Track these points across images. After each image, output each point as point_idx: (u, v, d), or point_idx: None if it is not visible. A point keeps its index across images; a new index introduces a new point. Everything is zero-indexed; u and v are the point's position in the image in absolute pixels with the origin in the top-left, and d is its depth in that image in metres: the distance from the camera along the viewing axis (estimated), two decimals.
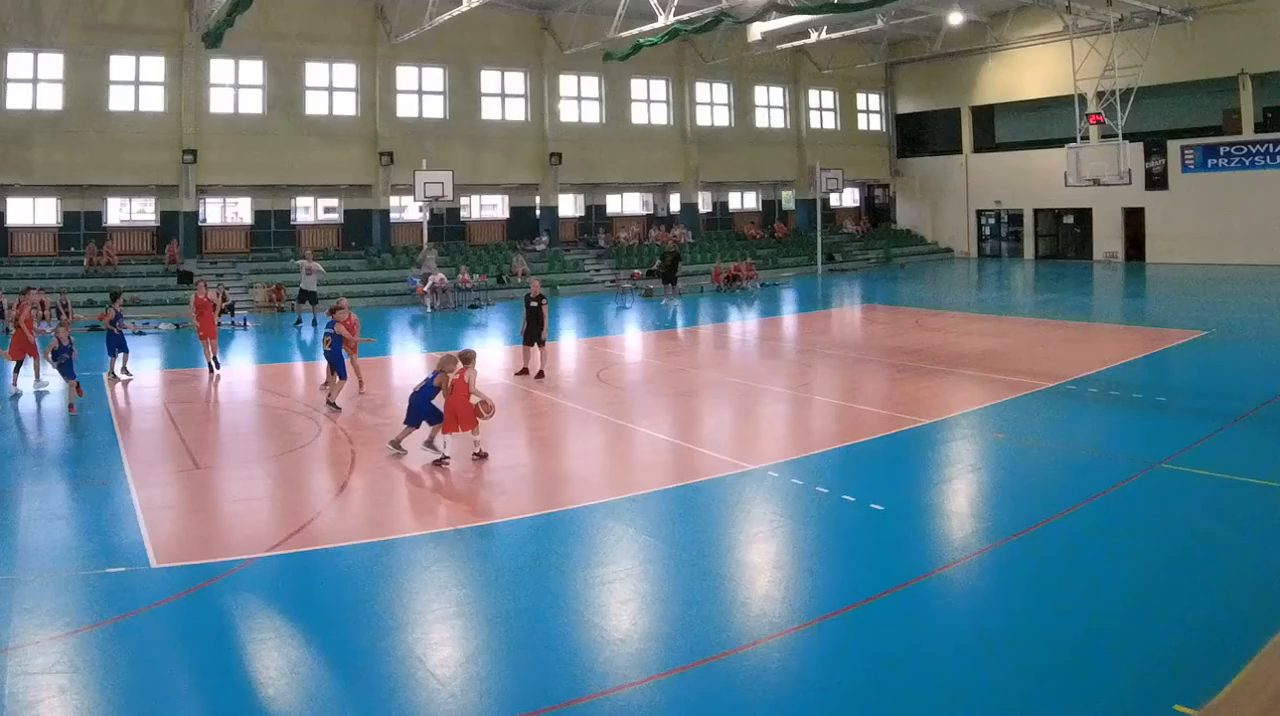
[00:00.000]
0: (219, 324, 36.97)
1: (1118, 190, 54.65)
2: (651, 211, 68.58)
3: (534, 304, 28.43)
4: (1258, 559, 13.41)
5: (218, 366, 30.01)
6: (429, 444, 18.97)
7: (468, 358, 18.81)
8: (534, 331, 28.37)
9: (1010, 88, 68.89)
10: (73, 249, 50.90)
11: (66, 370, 24.75)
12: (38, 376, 27.58)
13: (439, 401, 18.81)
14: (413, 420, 19.26)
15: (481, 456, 18.82)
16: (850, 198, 76.93)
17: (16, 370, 27.17)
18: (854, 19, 55.57)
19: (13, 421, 23.35)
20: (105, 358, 28.94)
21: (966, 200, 72.95)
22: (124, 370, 29.07)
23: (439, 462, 18.62)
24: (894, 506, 15.84)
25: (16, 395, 25.90)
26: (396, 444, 19.48)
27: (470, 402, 18.35)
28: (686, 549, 14.19)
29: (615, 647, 11.03)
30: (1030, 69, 66.12)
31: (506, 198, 63.10)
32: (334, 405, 24.12)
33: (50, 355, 25.15)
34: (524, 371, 28.39)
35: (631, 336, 39.23)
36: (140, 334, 38.89)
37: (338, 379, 24.44)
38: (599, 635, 11.39)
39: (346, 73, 56.01)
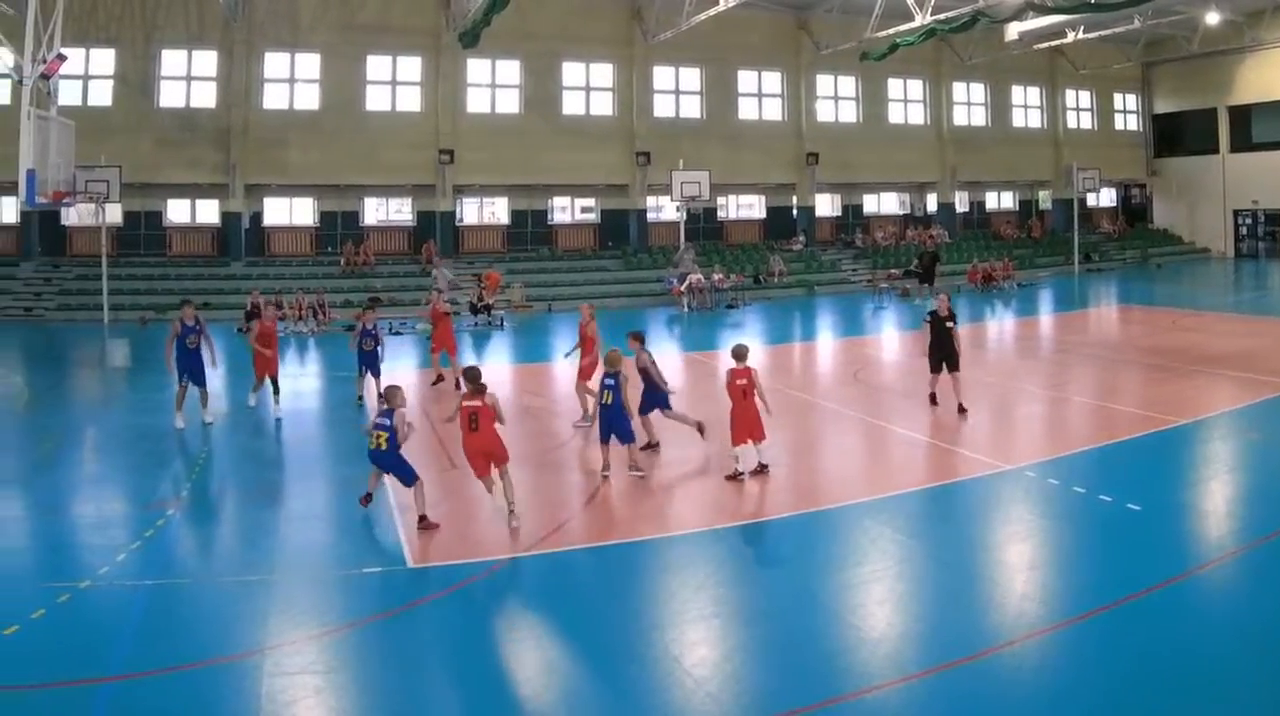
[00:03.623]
0: (475, 324, 36.28)
1: None
2: (908, 211, 57.99)
3: (950, 324, 20.53)
4: None
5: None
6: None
7: (740, 354, 16.21)
8: (945, 355, 20.53)
9: (1267, 87, 56.70)
10: (330, 249, 44.78)
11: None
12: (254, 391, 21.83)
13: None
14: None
15: (736, 477, 15.45)
16: (1106, 197, 64.55)
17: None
18: (1110, 19, 45.83)
19: (272, 423, 20.49)
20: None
21: (1223, 200, 60.52)
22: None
23: (735, 477, 15.49)
24: (1151, 506, 13.78)
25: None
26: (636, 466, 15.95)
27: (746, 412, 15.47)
28: (943, 548, 12.58)
29: (872, 647, 9.74)
30: None
31: (763, 197, 53.58)
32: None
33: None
34: (933, 399, 20.87)
35: (888, 336, 34.28)
36: (397, 334, 33.60)
37: None
38: (856, 634, 10.05)
39: (603, 72, 47.94)
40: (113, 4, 39.74)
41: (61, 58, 27.75)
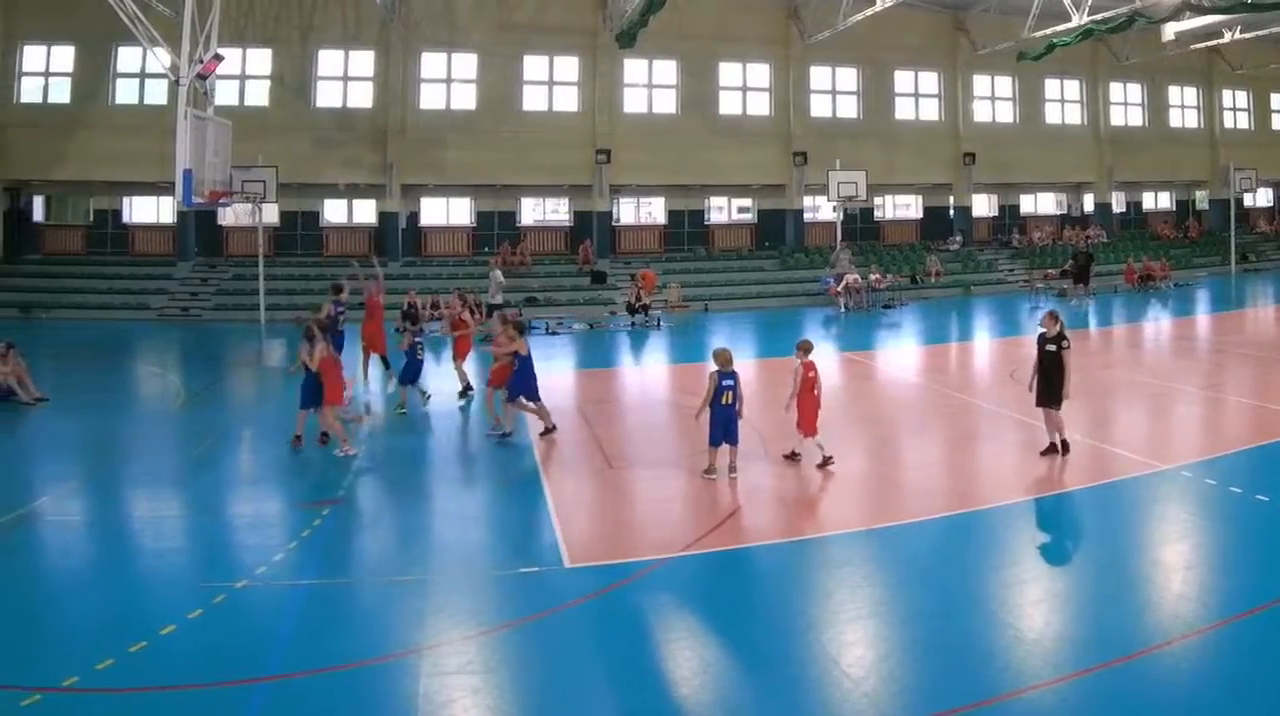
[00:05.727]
0: (633, 324, 32.46)
1: None
2: (1065, 211, 51.38)
3: (1050, 348, 14.64)
4: None
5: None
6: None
7: (809, 347, 14.45)
8: (1050, 387, 14.69)
9: None
10: (486, 249, 39.56)
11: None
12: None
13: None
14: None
15: (824, 463, 14.04)
16: (1264, 197, 56.27)
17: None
18: (1268, 19, 39.26)
19: (427, 424, 18.10)
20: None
21: None
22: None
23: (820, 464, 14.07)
24: None
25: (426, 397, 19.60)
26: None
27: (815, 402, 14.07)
28: (1099, 548, 11.20)
29: (1029, 647, 8.52)
30: None
31: (920, 197, 47.04)
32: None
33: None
34: (1053, 448, 14.84)
35: None
36: (554, 334, 30.72)
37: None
38: (1012, 634, 8.79)
39: (760, 73, 42.05)
40: (269, 4, 35.75)
41: (218, 58, 25.12)
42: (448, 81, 38.07)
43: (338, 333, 19.50)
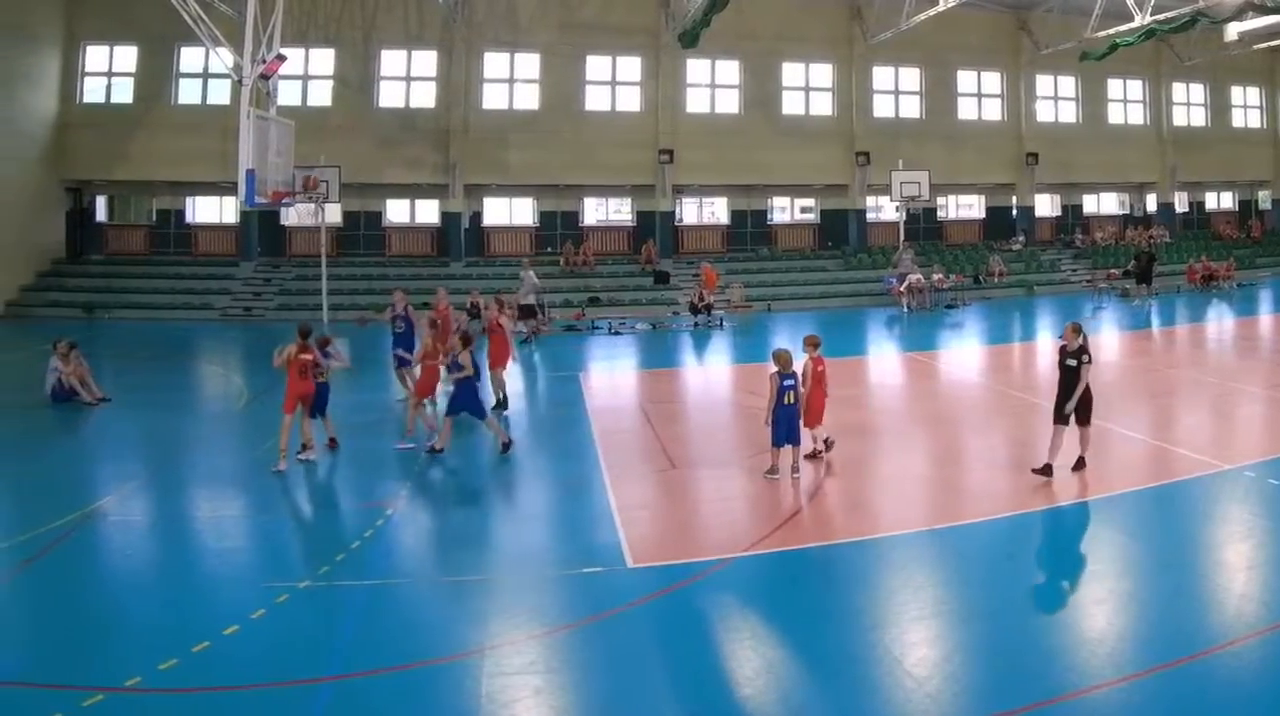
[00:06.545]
0: (696, 324, 31.08)
1: None
2: (1128, 211, 49.12)
3: (1070, 362, 13.23)
4: None
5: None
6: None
7: (818, 343, 13.95)
8: (1068, 402, 13.20)
9: None
10: (549, 249, 38.16)
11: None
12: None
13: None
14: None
15: (814, 455, 13.95)
16: None
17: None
18: None
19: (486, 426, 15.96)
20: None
21: None
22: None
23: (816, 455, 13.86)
24: None
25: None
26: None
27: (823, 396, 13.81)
28: (1162, 548, 10.71)
29: (1092, 647, 8.24)
30: None
31: (982, 197, 45.05)
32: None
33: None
34: (1047, 469, 13.17)
35: (1106, 336, 28.90)
36: (617, 334, 29.72)
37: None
38: (1075, 634, 8.59)
39: (823, 73, 40.20)
40: (332, 4, 34.50)
41: (281, 58, 23.71)
42: (510, 81, 36.66)
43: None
